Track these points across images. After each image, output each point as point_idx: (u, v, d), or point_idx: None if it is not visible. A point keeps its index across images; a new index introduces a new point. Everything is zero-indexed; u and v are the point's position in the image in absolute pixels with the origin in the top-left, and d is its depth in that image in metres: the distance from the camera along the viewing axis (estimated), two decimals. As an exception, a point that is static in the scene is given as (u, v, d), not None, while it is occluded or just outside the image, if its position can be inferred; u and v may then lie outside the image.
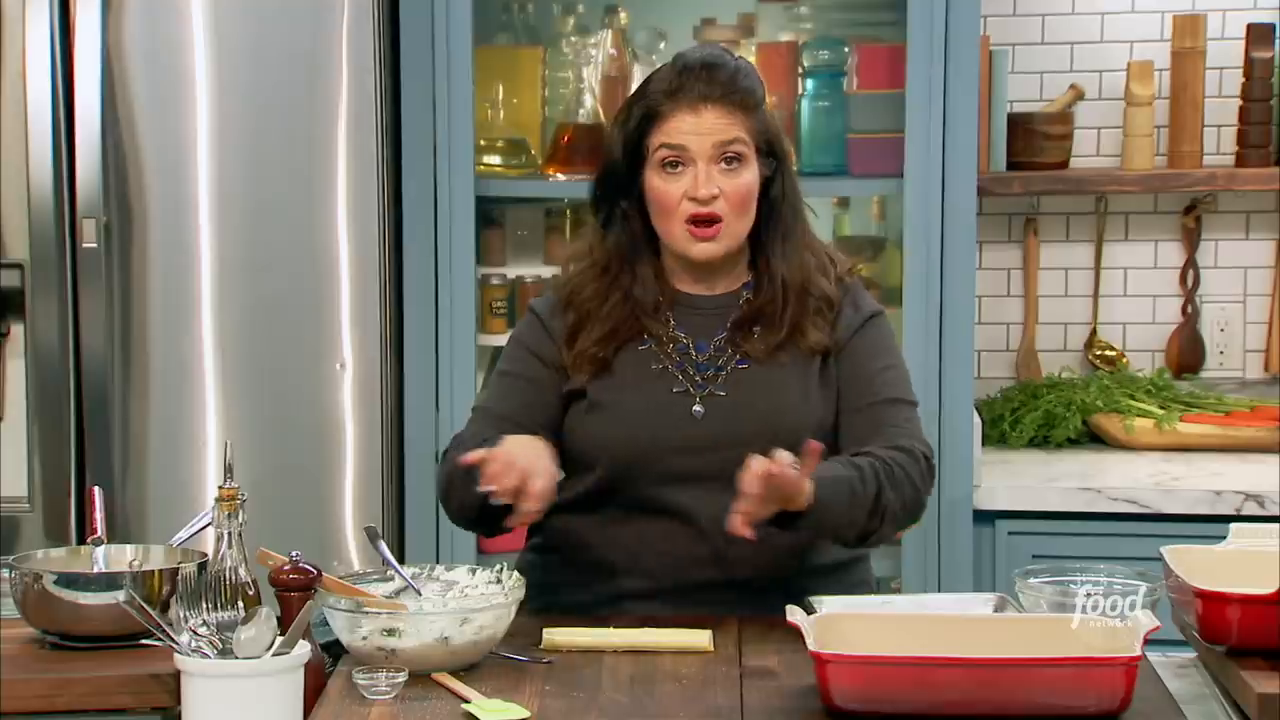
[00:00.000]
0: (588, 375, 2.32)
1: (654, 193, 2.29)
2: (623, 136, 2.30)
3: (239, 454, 2.06)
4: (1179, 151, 3.50)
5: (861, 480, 2.21)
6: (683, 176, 2.27)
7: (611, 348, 2.32)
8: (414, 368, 3.24)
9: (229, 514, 1.99)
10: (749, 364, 2.32)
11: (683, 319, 2.34)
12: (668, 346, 2.33)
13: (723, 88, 2.27)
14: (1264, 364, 3.59)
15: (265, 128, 3.15)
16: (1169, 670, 2.11)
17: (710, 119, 2.26)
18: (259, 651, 1.85)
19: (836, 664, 1.88)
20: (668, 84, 2.28)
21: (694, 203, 2.26)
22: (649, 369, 2.32)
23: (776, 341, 2.32)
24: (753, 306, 2.34)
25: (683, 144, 2.26)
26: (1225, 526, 2.25)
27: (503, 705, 1.94)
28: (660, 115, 2.27)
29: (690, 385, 2.31)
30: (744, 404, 2.30)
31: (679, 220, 2.27)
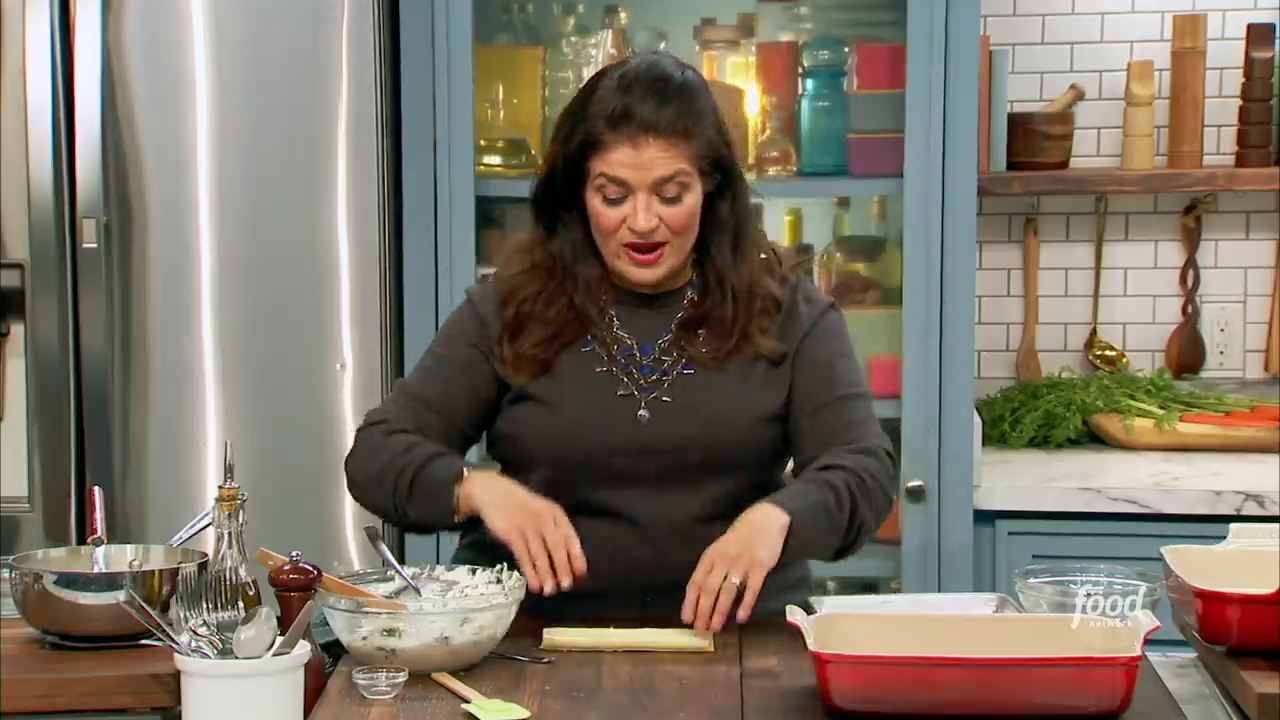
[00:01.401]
0: (528, 377, 2.30)
1: (593, 215, 2.26)
2: (563, 156, 2.25)
3: (239, 454, 2.06)
4: (1179, 151, 3.50)
5: (837, 501, 2.21)
6: (622, 205, 2.24)
7: (554, 350, 2.30)
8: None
9: (229, 514, 1.99)
10: (694, 369, 2.30)
11: (626, 318, 2.32)
12: (611, 348, 2.31)
13: (667, 115, 2.21)
14: (1264, 364, 3.59)
15: (265, 128, 3.15)
16: (1169, 670, 2.11)
17: (651, 153, 2.21)
18: (259, 651, 1.85)
19: (837, 664, 1.88)
20: (610, 109, 2.21)
21: (633, 233, 2.24)
22: (592, 371, 2.30)
23: (725, 349, 2.30)
24: (699, 310, 2.31)
25: (623, 178, 2.22)
26: (1225, 526, 2.25)
27: (503, 705, 1.94)
28: (601, 144, 2.22)
29: (635, 389, 2.30)
30: (689, 409, 2.28)
31: (618, 243, 2.26)
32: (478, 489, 2.23)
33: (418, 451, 2.28)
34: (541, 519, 2.18)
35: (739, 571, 2.13)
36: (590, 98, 2.25)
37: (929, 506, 3.13)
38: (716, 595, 2.13)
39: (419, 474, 2.26)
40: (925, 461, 3.12)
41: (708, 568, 2.14)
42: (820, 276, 3.44)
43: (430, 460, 2.26)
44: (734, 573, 2.12)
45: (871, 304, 3.35)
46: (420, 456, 2.27)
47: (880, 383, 3.22)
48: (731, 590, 2.12)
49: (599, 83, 2.27)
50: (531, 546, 2.16)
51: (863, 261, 3.45)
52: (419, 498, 2.26)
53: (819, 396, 2.31)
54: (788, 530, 2.17)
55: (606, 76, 2.27)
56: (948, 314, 3.12)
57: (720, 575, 2.13)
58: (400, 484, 2.26)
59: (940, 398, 3.12)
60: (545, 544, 2.16)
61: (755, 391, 2.31)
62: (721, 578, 2.13)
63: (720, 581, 2.12)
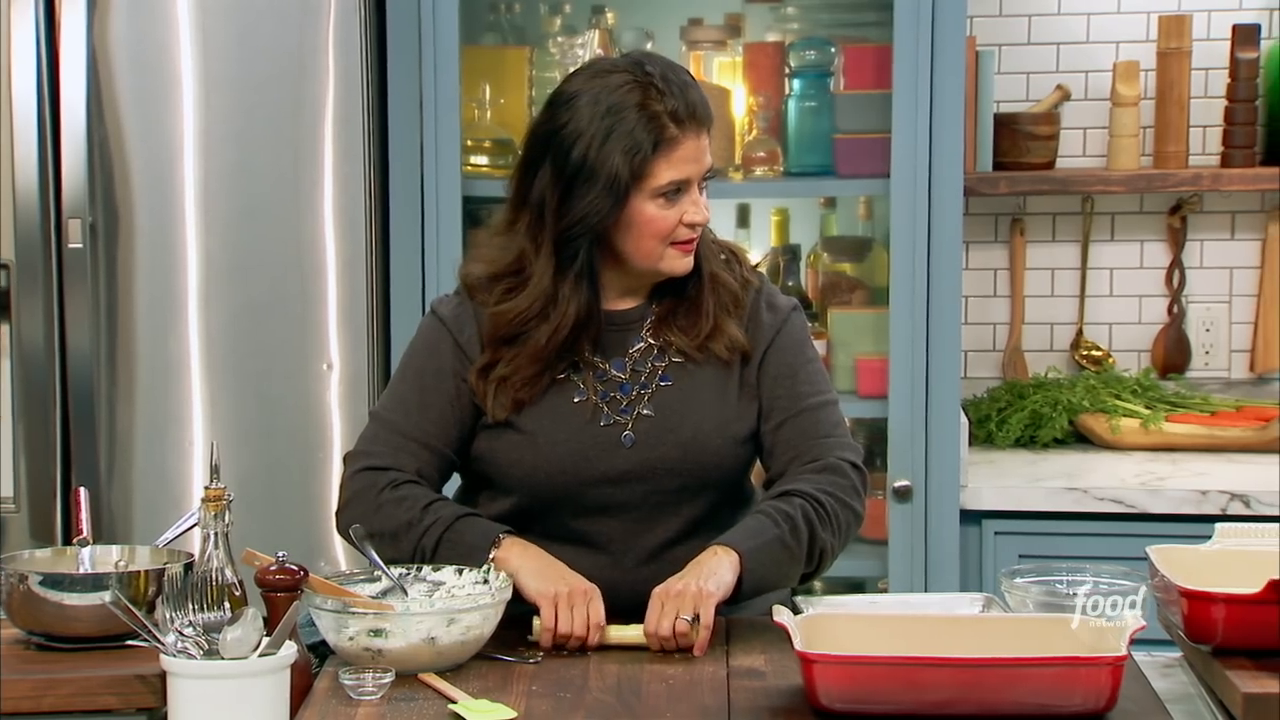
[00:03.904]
0: (506, 412, 2.26)
1: (650, 220, 2.21)
2: (629, 165, 2.17)
3: (226, 455, 2.06)
4: (1164, 152, 3.50)
5: (794, 532, 2.20)
6: (680, 203, 2.22)
7: (540, 387, 2.26)
8: (401, 368, 3.23)
9: (215, 514, 1.99)
10: (671, 381, 2.28)
11: (599, 340, 2.28)
12: (587, 374, 2.27)
13: (707, 105, 2.23)
14: (1249, 364, 3.60)
15: (251, 128, 3.15)
16: (1155, 670, 2.11)
17: (705, 143, 2.22)
18: (245, 652, 1.85)
19: (823, 664, 1.88)
20: (670, 107, 2.18)
21: (689, 228, 2.23)
22: (571, 402, 2.27)
23: (704, 332, 2.27)
24: (673, 301, 2.29)
25: (687, 174, 2.21)
26: (1211, 526, 2.26)
27: (490, 705, 1.94)
28: (669, 143, 2.19)
29: (616, 414, 2.27)
30: (669, 428, 2.26)
31: (667, 244, 2.24)
32: (515, 557, 2.18)
33: (441, 510, 2.23)
34: (576, 595, 2.14)
35: (688, 607, 2.12)
36: (623, 109, 2.17)
37: (916, 506, 3.14)
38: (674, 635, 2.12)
39: (446, 536, 2.21)
40: (912, 461, 3.13)
41: (658, 610, 2.13)
42: (807, 276, 3.45)
43: (457, 520, 2.22)
44: (684, 609, 2.12)
45: (858, 304, 3.36)
46: (447, 516, 2.22)
47: (867, 383, 3.23)
48: (684, 628, 2.11)
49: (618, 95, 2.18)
50: (560, 616, 2.14)
51: (849, 261, 3.45)
52: (445, 558, 2.21)
53: (785, 409, 2.29)
54: (740, 567, 2.15)
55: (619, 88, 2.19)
56: (934, 314, 3.12)
57: (671, 617, 2.12)
58: (424, 544, 2.21)
59: (927, 398, 3.12)
60: (572, 618, 2.14)
61: (731, 402, 2.30)
62: (672, 619, 2.12)
63: (671, 621, 2.12)
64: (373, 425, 2.32)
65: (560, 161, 2.21)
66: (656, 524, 2.27)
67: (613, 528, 2.27)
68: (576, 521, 2.27)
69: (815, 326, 3.29)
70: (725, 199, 3.37)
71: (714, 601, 2.12)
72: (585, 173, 2.19)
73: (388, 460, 2.27)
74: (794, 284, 3.36)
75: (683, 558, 2.20)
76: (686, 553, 2.21)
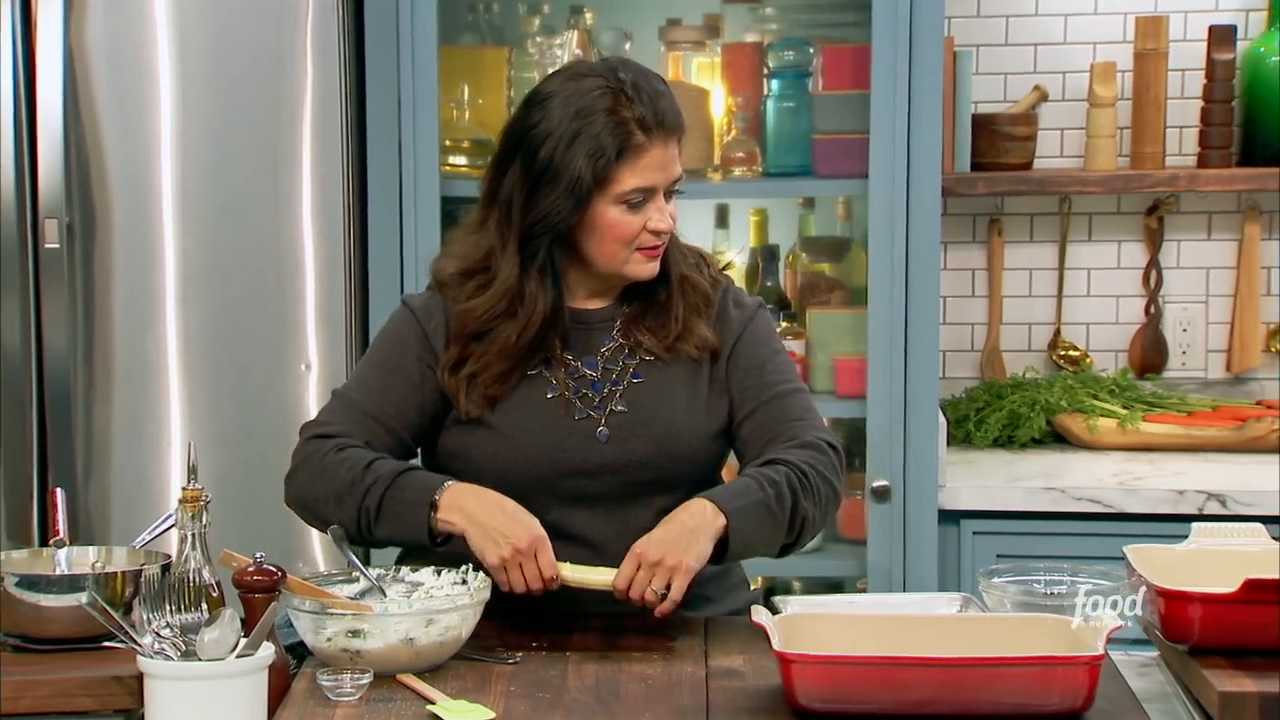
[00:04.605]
0: (480, 408, 2.27)
1: (611, 226, 2.23)
2: (592, 168, 2.19)
3: (203, 455, 2.06)
4: (1141, 152, 3.51)
5: (778, 498, 2.20)
6: (644, 209, 2.24)
7: (511, 383, 2.27)
8: (379, 368, 3.22)
9: (192, 515, 1.98)
10: (643, 378, 2.30)
11: (569, 338, 2.30)
12: (559, 371, 2.29)
13: (678, 114, 2.25)
14: (1226, 364, 3.61)
15: (229, 127, 3.14)
16: (1131, 669, 2.12)
17: (673, 152, 2.24)
18: (222, 653, 1.85)
19: (801, 664, 1.88)
20: (638, 114, 2.20)
21: (653, 235, 2.25)
22: (544, 398, 2.28)
23: (674, 334, 2.29)
24: (643, 304, 2.31)
25: (653, 182, 2.23)
26: (1187, 526, 2.27)
27: (468, 706, 1.94)
28: (635, 150, 2.20)
29: (590, 410, 2.28)
30: (642, 422, 2.28)
31: (632, 248, 2.25)
32: (458, 518, 2.18)
33: (382, 467, 2.23)
34: (523, 554, 2.15)
35: (662, 578, 2.13)
36: (592, 113, 2.19)
37: (894, 506, 3.14)
38: None
39: (388, 494, 2.21)
40: (890, 461, 3.13)
41: (634, 567, 2.14)
42: (786, 276, 3.45)
43: (398, 477, 2.22)
44: (658, 579, 2.13)
45: (837, 304, 3.36)
46: (387, 473, 2.22)
47: (845, 383, 3.23)
48: (653, 599, 2.13)
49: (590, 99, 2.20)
50: (512, 579, 2.15)
51: (828, 262, 3.46)
52: (389, 517, 2.21)
53: (755, 398, 2.31)
54: (725, 529, 2.16)
55: (591, 91, 2.21)
56: (913, 314, 3.13)
57: (645, 580, 2.13)
58: (367, 504, 2.22)
59: (905, 398, 3.13)
60: (525, 577, 2.15)
61: (702, 397, 2.31)
62: (644, 587, 2.13)
63: (642, 589, 2.13)
64: (332, 401, 2.34)
65: (528, 160, 2.23)
66: (630, 515, 2.28)
67: (587, 519, 2.28)
68: (551, 514, 2.26)
69: (794, 326, 3.30)
70: (704, 199, 3.37)
71: (689, 577, 2.13)
72: (550, 173, 2.22)
73: (338, 430, 2.28)
74: (772, 284, 3.36)
75: None
76: None
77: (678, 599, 2.13)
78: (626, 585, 2.14)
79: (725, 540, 2.17)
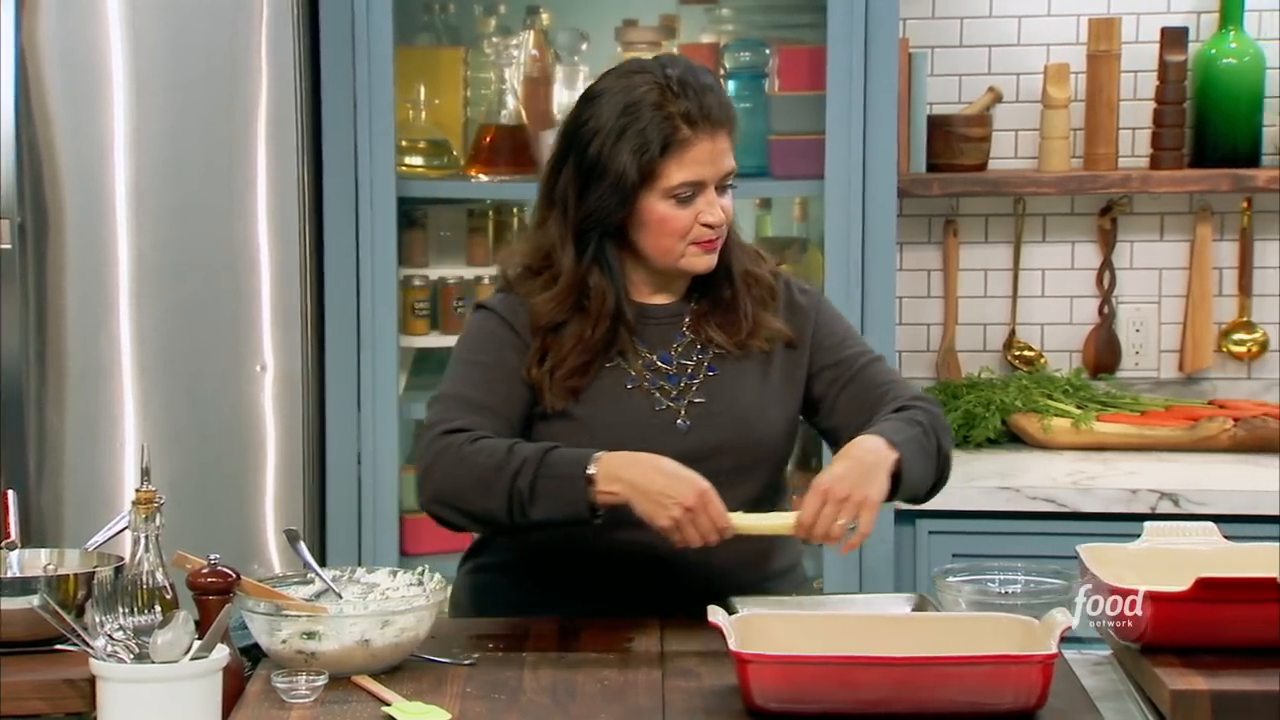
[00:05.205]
0: (564, 402, 2.28)
1: (662, 221, 2.25)
2: (637, 164, 2.21)
3: (158, 456, 2.05)
4: (1095, 154, 3.53)
5: (925, 435, 2.25)
6: (694, 203, 2.25)
7: (590, 376, 2.29)
8: (335, 369, 3.22)
9: (146, 517, 1.97)
10: (718, 371, 2.32)
11: (641, 332, 2.32)
12: (636, 363, 2.31)
13: (726, 108, 2.26)
14: (1178, 364, 3.63)
15: (183, 127, 3.13)
16: (1084, 667, 2.13)
17: (722, 145, 2.25)
18: (176, 655, 1.84)
19: (758, 664, 1.89)
20: (683, 109, 2.22)
21: (707, 228, 2.26)
22: (624, 389, 2.30)
23: (745, 331, 2.32)
24: (711, 301, 2.33)
25: (701, 176, 2.24)
26: (1140, 525, 2.28)
27: (424, 708, 1.93)
28: (681, 144, 2.22)
29: (668, 400, 2.30)
30: (721, 411, 2.30)
31: (686, 242, 2.27)
32: (620, 487, 2.14)
33: (525, 449, 2.19)
34: (695, 510, 2.13)
35: (849, 513, 2.13)
36: (639, 109, 2.22)
37: (850, 506, 3.14)
38: None
39: (540, 472, 2.17)
40: (846, 461, 3.13)
41: (819, 504, 2.13)
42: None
43: (546, 455, 2.18)
44: (844, 514, 2.13)
45: (793, 305, 3.36)
46: (533, 453, 2.18)
47: (801, 383, 3.23)
48: (841, 533, 2.13)
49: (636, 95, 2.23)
50: (687, 536, 2.13)
51: (784, 262, 3.46)
52: (544, 497, 2.17)
53: (844, 374, 2.35)
54: (897, 464, 2.18)
55: (638, 87, 2.23)
56: (868, 315, 3.14)
57: (830, 517, 2.13)
58: (518, 486, 2.17)
59: (861, 398, 3.13)
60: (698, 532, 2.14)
61: (776, 392, 2.34)
62: (831, 521, 2.13)
63: (829, 524, 2.13)
64: (440, 404, 2.29)
65: (579, 157, 2.27)
66: None
67: None
68: None
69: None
70: (660, 200, 3.37)
71: (874, 512, 2.14)
72: (599, 169, 2.25)
73: (464, 424, 2.25)
74: (729, 285, 3.36)
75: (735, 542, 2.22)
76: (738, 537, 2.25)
77: (867, 532, 2.14)
78: (812, 522, 2.13)
79: (895, 477, 2.18)
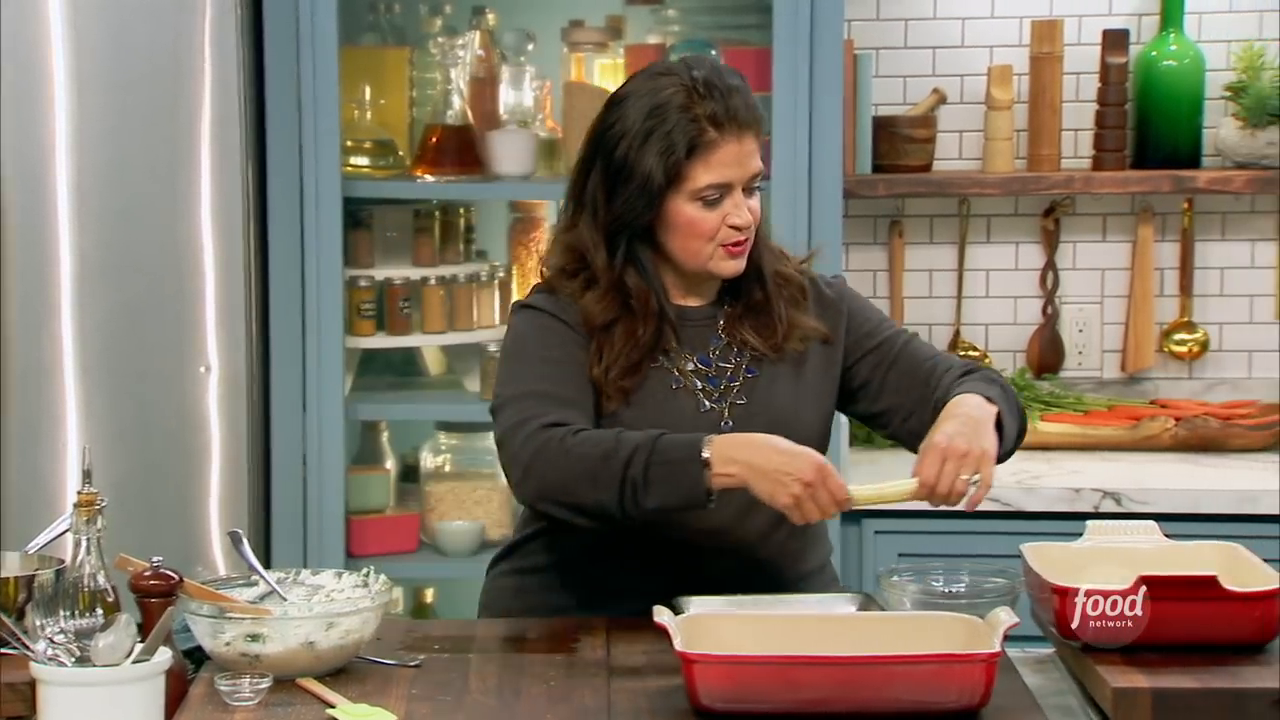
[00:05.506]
0: (617, 403, 2.27)
1: (690, 223, 2.24)
2: (663, 166, 2.21)
3: (101, 458, 2.04)
4: (1038, 155, 3.56)
5: (1004, 391, 2.28)
6: (721, 205, 2.25)
7: (640, 377, 2.28)
8: (280, 370, 3.21)
9: (88, 519, 1.96)
10: (757, 373, 2.32)
11: (680, 334, 2.32)
12: (679, 364, 2.31)
13: (752, 110, 2.26)
14: (1121, 364, 3.66)
15: (126, 127, 3.11)
16: (1027, 666, 2.15)
17: (749, 147, 2.25)
18: (118, 659, 1.83)
19: (703, 664, 1.89)
20: (709, 110, 2.21)
21: (734, 230, 2.25)
22: (670, 390, 2.30)
23: (780, 334, 2.32)
24: (744, 304, 2.33)
25: (727, 178, 2.23)
26: (1083, 524, 2.30)
27: (368, 710, 1.93)
28: (707, 145, 2.21)
29: (711, 402, 2.30)
30: (763, 410, 2.30)
31: (714, 244, 2.26)
32: (735, 465, 2.13)
33: (633, 437, 2.16)
34: (814, 485, 2.13)
35: (970, 468, 2.14)
36: (665, 111, 2.21)
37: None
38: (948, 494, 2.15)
39: (652, 459, 2.14)
40: (792, 461, 3.14)
41: (939, 463, 2.14)
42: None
43: (656, 442, 2.16)
44: (965, 469, 2.14)
45: (739, 305, 3.37)
46: (643, 441, 2.15)
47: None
48: (964, 487, 2.15)
49: (663, 97, 2.22)
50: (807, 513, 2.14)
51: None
52: (659, 484, 2.14)
53: (889, 350, 2.36)
54: (997, 418, 2.21)
55: (664, 89, 2.23)
56: (814, 315, 3.14)
57: (952, 474, 2.14)
58: (631, 475, 2.14)
59: (807, 398, 3.14)
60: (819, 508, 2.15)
61: (812, 390, 2.34)
62: (953, 477, 2.14)
63: (952, 482, 2.14)
64: (519, 403, 2.23)
65: (606, 160, 2.26)
66: (754, 507, 2.24)
67: (713, 513, 2.23)
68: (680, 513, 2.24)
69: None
70: (607, 200, 3.37)
71: (993, 463, 2.16)
72: (626, 172, 2.25)
73: (557, 418, 2.20)
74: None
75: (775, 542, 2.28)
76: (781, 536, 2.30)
77: (990, 484, 2.16)
78: (934, 480, 2.14)
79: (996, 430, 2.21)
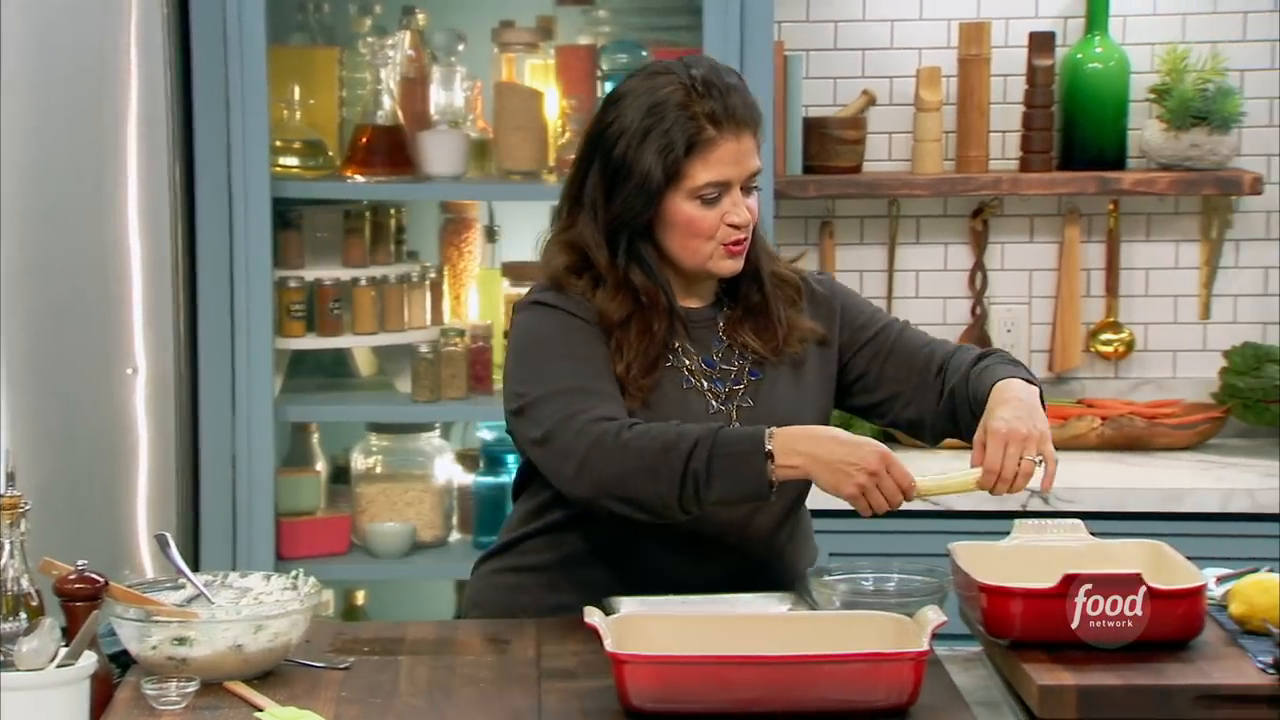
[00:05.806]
0: (636, 401, 2.25)
1: (689, 222, 2.23)
2: (662, 164, 2.20)
3: (26, 461, 2.02)
4: (966, 156, 3.58)
5: (1030, 372, 2.30)
6: (717, 205, 2.24)
7: (656, 376, 2.27)
8: (209, 371, 3.19)
9: (10, 523, 1.95)
10: (760, 375, 2.31)
11: (685, 334, 2.32)
12: (687, 363, 2.30)
13: (751, 108, 2.25)
14: (1048, 364, 3.69)
15: (50, 126, 3.08)
16: (956, 664, 2.16)
17: (747, 146, 2.24)
18: (41, 663, 1.81)
19: (633, 664, 1.89)
20: (708, 109, 2.21)
21: (733, 229, 2.25)
22: (682, 389, 2.29)
23: (780, 337, 2.32)
24: (743, 307, 2.33)
25: (726, 177, 2.23)
26: (1011, 522, 2.32)
27: (297, 713, 1.92)
28: (705, 144, 2.21)
29: (719, 403, 2.30)
30: (768, 410, 2.30)
31: (714, 243, 2.25)
32: (798, 456, 2.13)
33: (692, 430, 2.15)
34: (878, 475, 2.14)
35: (1032, 449, 2.15)
36: (663, 109, 2.21)
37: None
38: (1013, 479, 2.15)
39: (714, 451, 2.13)
40: (723, 462, 3.15)
41: (1001, 449, 2.15)
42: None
43: (716, 435, 2.14)
44: (1028, 451, 2.15)
45: (670, 306, 3.37)
46: (703, 434, 2.14)
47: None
48: (1031, 468, 2.15)
49: (661, 95, 2.22)
50: (873, 503, 2.16)
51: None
52: (721, 476, 2.13)
53: (885, 341, 2.38)
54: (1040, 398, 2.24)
55: (663, 88, 2.22)
56: (744, 316, 3.15)
57: (1016, 457, 2.14)
58: (693, 468, 2.12)
59: (737, 398, 3.15)
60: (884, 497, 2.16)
61: (812, 392, 2.35)
62: (1017, 460, 2.14)
63: (1017, 465, 2.14)
64: (555, 400, 2.20)
65: (604, 159, 2.26)
66: (760, 508, 2.26)
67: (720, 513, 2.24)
68: None
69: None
70: (539, 201, 3.36)
71: (1050, 442, 2.17)
72: (624, 170, 2.24)
73: (602, 412, 2.18)
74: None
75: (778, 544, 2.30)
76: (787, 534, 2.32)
77: (1053, 456, 2.16)
78: (1000, 466, 2.14)
79: None
